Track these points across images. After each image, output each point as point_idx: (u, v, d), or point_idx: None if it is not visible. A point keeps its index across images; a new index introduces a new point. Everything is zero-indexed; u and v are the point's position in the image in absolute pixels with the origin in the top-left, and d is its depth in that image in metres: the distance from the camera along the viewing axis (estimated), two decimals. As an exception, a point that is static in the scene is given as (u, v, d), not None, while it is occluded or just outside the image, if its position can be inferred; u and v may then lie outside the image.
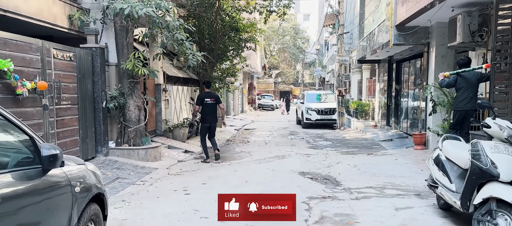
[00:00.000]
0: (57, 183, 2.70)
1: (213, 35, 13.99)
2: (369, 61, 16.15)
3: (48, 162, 2.50)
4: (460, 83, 6.34)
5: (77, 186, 2.91)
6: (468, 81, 6.29)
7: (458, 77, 6.37)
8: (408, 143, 10.77)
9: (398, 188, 6.01)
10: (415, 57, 11.86)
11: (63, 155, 2.67)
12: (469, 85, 6.27)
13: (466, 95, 6.27)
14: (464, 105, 6.27)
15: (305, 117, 17.79)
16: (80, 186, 2.95)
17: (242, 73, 29.49)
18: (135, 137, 8.26)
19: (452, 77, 6.44)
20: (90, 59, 7.51)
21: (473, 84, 6.28)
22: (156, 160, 8.31)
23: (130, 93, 8.14)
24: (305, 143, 12.45)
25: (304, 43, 50.67)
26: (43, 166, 2.51)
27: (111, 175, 6.72)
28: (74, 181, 2.90)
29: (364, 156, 9.26)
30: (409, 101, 12.21)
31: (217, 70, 15.55)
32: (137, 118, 8.28)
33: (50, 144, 2.64)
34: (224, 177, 7.04)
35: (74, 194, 2.87)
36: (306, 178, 6.96)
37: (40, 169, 2.52)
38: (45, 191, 2.54)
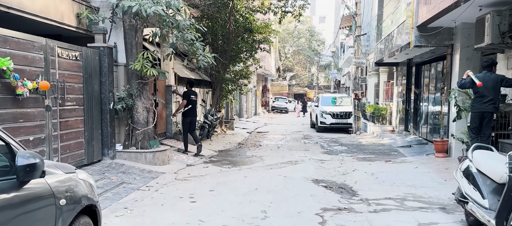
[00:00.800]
0: (37, 195, 2.39)
1: (226, 36, 13.72)
2: (387, 64, 15.60)
3: (24, 173, 2.19)
4: (476, 86, 6.15)
5: (62, 198, 2.60)
6: (485, 85, 6.11)
7: (477, 77, 6.22)
8: (429, 149, 10.23)
9: (420, 200, 5.55)
10: (437, 60, 11.31)
11: (44, 163, 2.37)
12: (486, 88, 6.12)
13: (482, 97, 6.15)
14: (479, 106, 6.14)
15: (319, 121, 17.34)
16: (66, 198, 2.65)
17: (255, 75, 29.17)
18: (143, 140, 7.99)
19: (469, 78, 6.27)
20: (98, 59, 7.28)
21: (491, 88, 6.12)
22: (164, 164, 8.02)
23: (138, 95, 7.88)
24: (319, 147, 12.02)
25: (320, 45, 50.07)
26: (18, 177, 2.20)
27: (116, 179, 6.45)
28: (59, 192, 2.59)
29: (382, 163, 8.78)
30: (430, 106, 11.65)
31: (229, 72, 15.26)
32: (146, 120, 8.02)
33: (30, 152, 2.33)
34: (233, 183, 6.69)
35: (59, 207, 2.56)
36: (320, 187, 6.56)
37: (15, 181, 2.22)
38: (21, 205, 2.23)
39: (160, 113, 10.29)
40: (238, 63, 14.81)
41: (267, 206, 5.27)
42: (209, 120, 12.34)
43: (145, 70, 7.40)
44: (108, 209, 5.11)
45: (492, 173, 3.77)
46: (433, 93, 11.47)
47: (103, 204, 5.23)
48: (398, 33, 11.46)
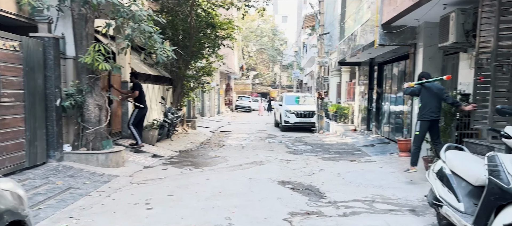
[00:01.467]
0: None
1: (187, 31, 13.15)
2: (349, 63, 15.68)
3: None
4: (423, 94, 6.46)
5: (-27, 215, 2.07)
6: (431, 93, 6.40)
7: (422, 88, 6.47)
8: (391, 149, 10.27)
9: (389, 202, 5.38)
10: (399, 60, 11.40)
11: None
12: (432, 96, 6.38)
13: (430, 106, 6.39)
14: (429, 116, 6.39)
15: (283, 120, 17.16)
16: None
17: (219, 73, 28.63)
18: (95, 140, 7.32)
19: (416, 86, 6.53)
20: (42, 51, 6.54)
21: (435, 96, 6.39)
22: (118, 166, 7.40)
23: (89, 91, 7.20)
24: (284, 147, 11.77)
25: (282, 45, 50.29)
26: None
27: (62, 184, 5.79)
28: (-30, 209, 2.06)
29: (347, 163, 8.65)
30: (392, 105, 11.75)
31: (191, 68, 14.69)
32: (97, 118, 7.35)
33: None
34: (195, 187, 6.23)
35: (-31, 227, 2.03)
36: (287, 188, 6.25)
37: None
38: None
39: (115, 111, 9.59)
40: (200, 59, 14.27)
41: (231, 212, 4.88)
42: (169, 119, 11.73)
43: (97, 64, 6.75)
44: (49, 219, 4.50)
45: (467, 175, 3.60)
46: (395, 93, 11.56)
47: (45, 213, 4.63)
48: (362, 32, 11.44)
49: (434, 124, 6.46)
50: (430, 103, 6.40)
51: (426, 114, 6.43)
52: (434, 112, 6.39)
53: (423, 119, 6.46)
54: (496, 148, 5.19)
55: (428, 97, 6.41)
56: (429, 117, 6.41)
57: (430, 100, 6.40)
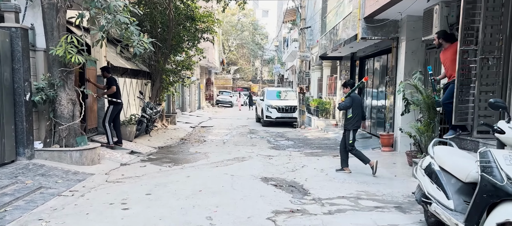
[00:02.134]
0: None
1: (166, 24, 12.78)
2: (331, 58, 15.63)
3: None
4: (354, 104, 6.72)
5: None
6: (357, 101, 6.77)
7: (353, 99, 6.73)
8: (374, 143, 10.25)
9: (374, 199, 5.27)
10: (380, 54, 11.39)
11: None
12: (357, 104, 6.75)
13: (356, 113, 6.73)
14: (356, 123, 6.76)
15: (265, 115, 17.00)
16: None
17: (199, 68, 28.20)
18: (68, 136, 6.95)
19: (347, 99, 6.76)
20: (8, 42, 6.12)
21: (360, 103, 6.84)
22: (94, 164, 7.06)
23: (62, 85, 6.81)
24: (266, 142, 11.60)
25: (263, 39, 50.09)
26: None
27: (31, 183, 5.43)
28: None
29: (330, 158, 8.55)
30: (374, 100, 11.74)
31: (171, 62, 14.32)
32: (71, 113, 6.98)
33: None
34: (174, 185, 5.98)
35: None
36: (270, 185, 6.07)
37: None
38: None
39: (90, 106, 9.20)
40: (180, 53, 13.91)
41: (213, 211, 4.66)
42: (147, 114, 11.38)
43: (69, 57, 6.39)
44: (17, 222, 4.19)
45: (457, 171, 3.50)
46: (377, 87, 11.55)
47: (11, 216, 4.31)
48: (344, 26, 11.36)
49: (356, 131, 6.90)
50: (357, 113, 6.75)
51: (355, 124, 6.78)
52: (360, 120, 6.82)
53: (354, 128, 6.79)
54: (481, 142, 5.15)
55: (356, 107, 6.71)
56: (357, 126, 6.81)
57: (357, 110, 6.74)
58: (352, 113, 6.71)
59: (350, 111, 6.72)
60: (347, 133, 6.81)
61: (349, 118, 6.76)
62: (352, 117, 6.73)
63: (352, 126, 6.76)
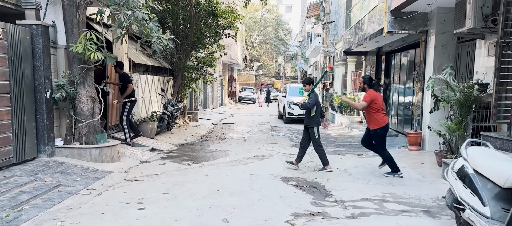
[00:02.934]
0: None
1: (187, 21, 12.72)
2: (355, 53, 15.17)
3: None
4: (318, 104, 6.79)
5: None
6: (317, 98, 6.80)
7: (316, 97, 6.75)
8: (400, 142, 9.84)
9: (401, 202, 4.97)
10: (407, 49, 10.92)
11: None
12: (318, 101, 6.81)
13: (319, 110, 6.80)
14: (319, 122, 6.83)
15: (287, 112, 16.73)
16: None
17: (221, 64, 28.19)
18: (88, 134, 6.95)
19: (312, 97, 6.73)
20: (29, 39, 6.15)
21: (318, 100, 6.87)
22: (113, 161, 7.04)
23: (81, 82, 6.81)
24: (287, 140, 11.37)
25: (286, 35, 49.60)
26: None
27: (50, 181, 5.43)
28: None
29: (353, 158, 8.23)
30: (400, 96, 11.28)
31: (192, 59, 14.27)
32: (91, 111, 6.97)
33: None
34: (192, 184, 5.86)
35: None
36: (290, 186, 5.86)
37: None
38: None
39: (111, 103, 9.22)
40: (202, 49, 13.83)
41: (229, 213, 4.50)
42: (169, 111, 11.36)
43: (88, 54, 6.35)
44: (32, 221, 4.14)
45: (494, 175, 3.17)
46: (403, 83, 11.09)
47: (27, 215, 4.27)
48: (369, 20, 10.95)
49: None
50: (319, 110, 6.83)
51: (318, 120, 6.83)
52: (319, 116, 6.83)
53: (318, 125, 6.85)
54: (519, 143, 4.75)
55: (318, 105, 6.79)
56: (319, 123, 6.86)
57: (319, 107, 6.81)
58: (315, 111, 6.72)
59: (314, 110, 6.71)
60: (311, 130, 6.82)
61: (312, 116, 6.77)
62: (315, 115, 6.75)
63: (315, 124, 6.79)
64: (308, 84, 6.88)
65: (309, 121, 6.82)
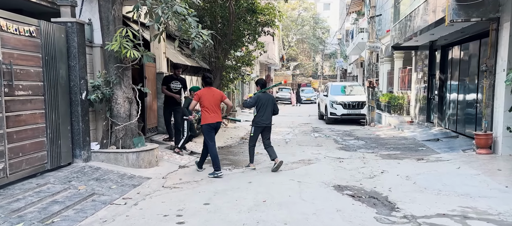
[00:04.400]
0: None
1: (226, 18, 12.23)
2: (405, 48, 14.06)
3: None
4: (258, 103, 6.90)
5: None
6: (264, 100, 6.92)
7: (258, 97, 6.91)
8: (463, 144, 8.79)
9: (489, 219, 4.11)
10: (468, 40, 9.81)
11: None
12: (263, 103, 6.90)
13: (264, 111, 6.90)
14: (262, 123, 6.90)
15: (329, 111, 15.86)
16: None
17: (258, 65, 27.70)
18: (125, 137, 6.57)
19: (252, 98, 7.04)
20: (64, 38, 5.83)
21: (271, 103, 7.00)
22: (151, 166, 6.62)
23: (118, 82, 6.44)
24: (333, 142, 10.57)
25: (324, 33, 48.33)
26: None
27: (84, 189, 5.04)
28: None
29: (413, 162, 7.33)
30: (460, 93, 10.16)
31: (231, 58, 13.79)
32: (127, 113, 6.59)
33: None
34: (235, 193, 5.28)
35: None
36: (346, 196, 5.13)
37: None
38: None
39: (150, 105, 8.88)
40: (240, 47, 13.32)
41: (280, 230, 3.86)
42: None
43: (125, 52, 5.95)
44: (62, 237, 3.71)
45: None
46: (464, 79, 9.97)
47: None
48: (424, 9, 9.94)
49: (267, 129, 7.03)
50: (263, 112, 6.88)
51: (259, 121, 6.90)
52: (268, 119, 6.95)
53: (257, 125, 6.95)
54: None
55: (261, 106, 6.87)
56: (262, 124, 6.92)
57: (262, 109, 6.87)
58: (257, 111, 6.92)
59: (255, 110, 6.98)
60: (251, 128, 7.09)
61: (255, 115, 7.03)
62: (256, 115, 6.96)
63: (255, 123, 6.98)
64: (257, 86, 7.20)
65: (253, 119, 7.10)
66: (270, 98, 7.06)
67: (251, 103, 7.02)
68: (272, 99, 7.12)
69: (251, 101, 7.02)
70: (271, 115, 7.01)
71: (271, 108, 7.00)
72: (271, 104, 7.01)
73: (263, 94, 7.03)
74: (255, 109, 6.99)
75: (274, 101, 7.15)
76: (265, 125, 6.97)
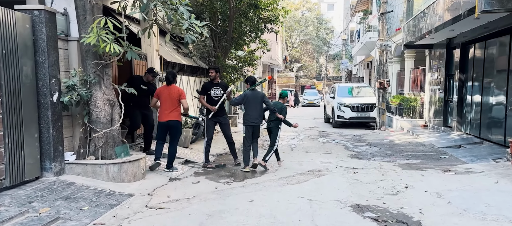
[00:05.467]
0: None
1: (226, 14, 11.33)
2: (418, 46, 13.10)
3: None
4: (246, 101, 6.65)
5: None
6: (251, 98, 6.64)
7: (246, 95, 6.66)
8: (492, 152, 7.83)
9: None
10: (493, 36, 8.87)
11: None
12: (251, 101, 6.63)
13: (251, 110, 6.64)
14: (250, 122, 6.66)
15: (336, 114, 14.88)
16: None
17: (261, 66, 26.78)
18: (105, 146, 5.64)
19: (240, 96, 6.86)
20: (30, 28, 4.91)
21: (259, 101, 6.68)
22: (136, 179, 5.68)
23: (97, 82, 5.52)
24: (343, 148, 9.61)
25: (328, 34, 47.36)
26: None
27: (47, 213, 4.09)
28: None
29: (439, 174, 6.36)
30: (485, 95, 9.18)
31: (231, 58, 12.87)
32: (109, 117, 5.66)
33: None
34: (233, 215, 4.33)
35: None
36: (368, 220, 4.18)
37: None
38: None
39: (139, 108, 7.93)
40: (241, 46, 12.40)
41: (290, 276, 2.90)
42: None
43: (103, 45, 5.02)
44: None
45: None
46: (490, 79, 8.99)
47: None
48: (444, 2, 8.99)
49: (255, 128, 6.75)
50: (251, 110, 6.63)
51: (247, 120, 6.68)
52: (256, 118, 6.67)
53: (246, 124, 6.72)
54: None
55: (250, 104, 6.63)
56: (250, 123, 6.67)
57: (250, 107, 6.63)
58: (245, 109, 6.71)
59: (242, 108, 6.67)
60: (243, 127, 6.79)
61: (244, 113, 6.84)
62: (244, 113, 6.79)
63: (244, 122, 6.76)
64: (247, 83, 6.86)
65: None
66: (258, 96, 6.73)
67: (237, 101, 6.88)
68: (260, 96, 6.76)
69: (238, 99, 6.85)
70: (259, 114, 6.71)
71: (260, 106, 6.71)
72: (259, 102, 6.70)
73: (251, 91, 6.73)
74: (243, 107, 6.80)
75: (263, 98, 6.80)
76: (253, 123, 6.70)
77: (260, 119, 6.79)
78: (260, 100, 6.74)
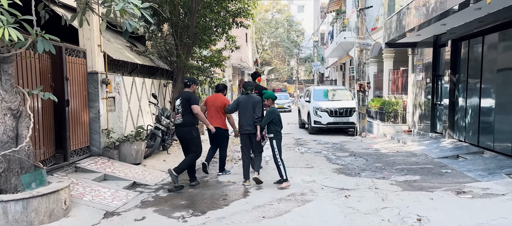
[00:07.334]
0: None
1: (188, 7, 9.80)
2: (400, 45, 12.06)
3: None
4: (239, 108, 6.25)
5: None
6: (243, 103, 6.21)
7: (239, 101, 6.30)
8: (500, 164, 6.71)
9: None
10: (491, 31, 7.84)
11: None
12: (243, 106, 6.20)
13: (243, 116, 6.18)
14: (243, 130, 6.17)
15: (313, 120, 13.59)
16: None
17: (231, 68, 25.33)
18: (7, 173, 3.99)
19: (233, 102, 6.50)
20: None
21: (250, 106, 6.16)
22: (53, 219, 4.06)
23: (-9, 84, 3.86)
24: (325, 160, 8.27)
25: (299, 36, 46.53)
26: None
27: None
28: None
29: (453, 198, 5.09)
30: (484, 98, 8.12)
31: (196, 57, 11.32)
32: (11, 133, 4.02)
33: None
34: None
35: None
36: None
37: None
38: None
39: (78, 117, 6.29)
40: (206, 43, 10.87)
41: None
42: (163, 124, 8.40)
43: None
44: None
45: None
46: (489, 79, 7.94)
47: None
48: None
49: (251, 136, 6.13)
50: (244, 117, 6.16)
51: (240, 128, 6.25)
52: (249, 125, 6.10)
53: (240, 133, 6.27)
54: None
55: (241, 111, 6.21)
56: (243, 131, 6.17)
57: (244, 114, 6.17)
58: (238, 116, 6.28)
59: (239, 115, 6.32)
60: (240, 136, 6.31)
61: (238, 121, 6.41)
62: (239, 121, 6.31)
63: (239, 131, 6.32)
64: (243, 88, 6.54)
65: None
66: (250, 101, 6.15)
67: (231, 108, 6.45)
68: (252, 101, 6.15)
69: (232, 106, 6.43)
70: (253, 120, 6.04)
71: (251, 112, 6.08)
72: (251, 107, 6.10)
73: (244, 96, 6.26)
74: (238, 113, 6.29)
75: (255, 104, 6.13)
76: (247, 131, 6.10)
77: (253, 126, 6.06)
78: (251, 105, 6.11)
